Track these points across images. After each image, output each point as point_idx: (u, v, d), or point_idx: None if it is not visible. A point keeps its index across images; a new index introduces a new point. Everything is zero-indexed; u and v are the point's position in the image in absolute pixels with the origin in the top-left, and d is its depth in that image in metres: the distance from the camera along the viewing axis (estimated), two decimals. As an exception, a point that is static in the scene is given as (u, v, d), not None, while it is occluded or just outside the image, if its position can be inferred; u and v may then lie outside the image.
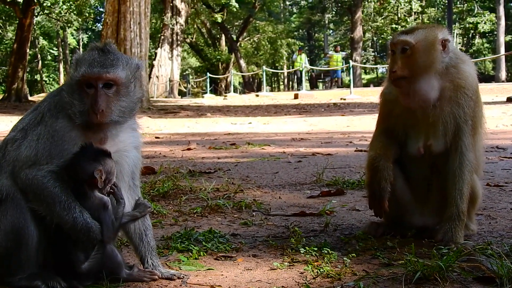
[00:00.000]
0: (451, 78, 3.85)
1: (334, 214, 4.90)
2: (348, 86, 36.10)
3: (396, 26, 53.08)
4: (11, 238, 3.01)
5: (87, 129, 3.13)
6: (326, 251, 3.65)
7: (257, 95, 38.01)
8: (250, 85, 55.31)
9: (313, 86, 47.24)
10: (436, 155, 3.91)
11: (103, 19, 25.82)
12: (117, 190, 3.14)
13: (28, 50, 38.58)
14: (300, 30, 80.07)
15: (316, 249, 3.69)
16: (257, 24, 59.66)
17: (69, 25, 46.53)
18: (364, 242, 3.89)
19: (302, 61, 39.43)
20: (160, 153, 9.70)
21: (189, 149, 10.30)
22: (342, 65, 40.47)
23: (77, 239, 3.02)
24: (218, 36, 59.07)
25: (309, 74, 46.14)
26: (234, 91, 45.92)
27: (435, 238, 3.82)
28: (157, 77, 46.83)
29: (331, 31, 78.01)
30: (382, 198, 3.90)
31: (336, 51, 43.16)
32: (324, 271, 3.27)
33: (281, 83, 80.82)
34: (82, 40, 74.49)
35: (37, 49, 60.02)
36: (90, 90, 3.07)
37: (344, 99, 28.50)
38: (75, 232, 3.00)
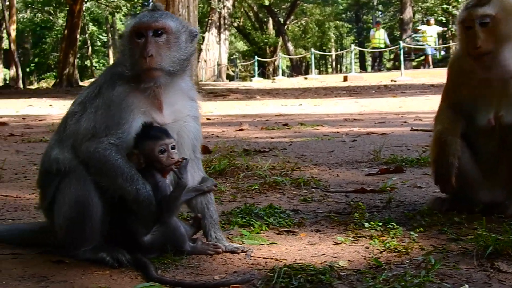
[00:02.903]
0: None
1: (395, 191, 4.79)
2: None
3: (447, 6, 51.87)
4: (76, 211, 3.01)
5: (143, 92, 3.10)
6: (391, 226, 3.56)
7: (306, 78, 37.61)
8: (298, 68, 54.97)
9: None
10: (506, 126, 3.75)
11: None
12: (178, 171, 3.09)
13: (78, 36, 39.09)
14: (348, 12, 79.09)
15: (380, 224, 3.61)
16: (304, 7, 59.22)
17: (117, 10, 46.99)
18: (429, 218, 3.78)
19: (381, 37, 35.20)
20: (213, 134, 9.69)
21: (241, 129, 10.26)
22: (436, 41, 35.56)
23: (139, 211, 3.00)
24: (265, 19, 58.78)
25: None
26: (282, 75, 45.67)
27: (505, 214, 3.69)
28: (205, 61, 46.97)
29: (380, 12, 76.92)
30: (449, 173, 3.77)
31: (429, 25, 35.33)
32: (391, 245, 3.21)
33: (329, 66, 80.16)
34: (131, 26, 74.93)
35: (87, 35, 60.70)
36: (141, 40, 3.08)
37: (395, 81, 28.04)
38: (137, 204, 2.98)
